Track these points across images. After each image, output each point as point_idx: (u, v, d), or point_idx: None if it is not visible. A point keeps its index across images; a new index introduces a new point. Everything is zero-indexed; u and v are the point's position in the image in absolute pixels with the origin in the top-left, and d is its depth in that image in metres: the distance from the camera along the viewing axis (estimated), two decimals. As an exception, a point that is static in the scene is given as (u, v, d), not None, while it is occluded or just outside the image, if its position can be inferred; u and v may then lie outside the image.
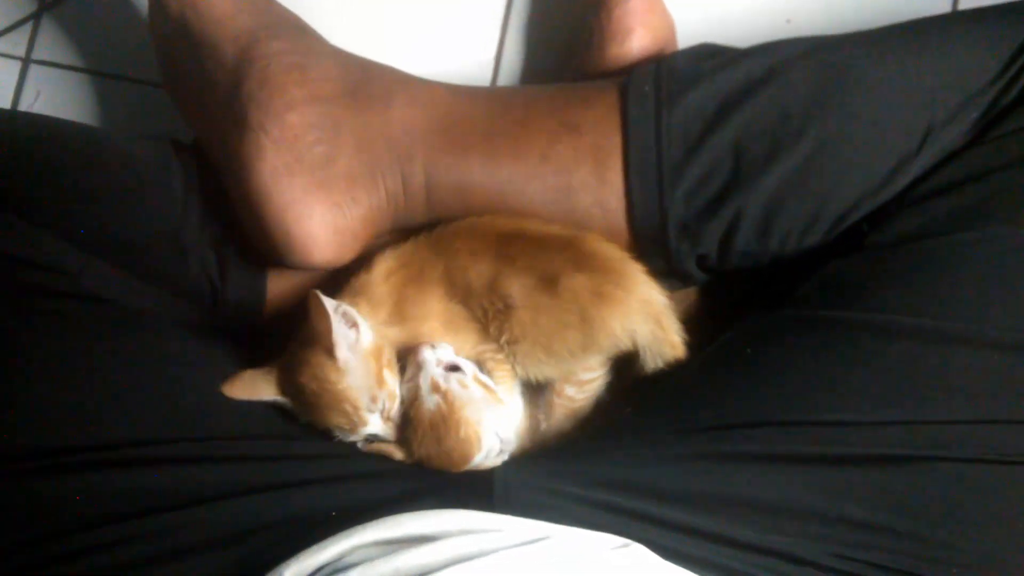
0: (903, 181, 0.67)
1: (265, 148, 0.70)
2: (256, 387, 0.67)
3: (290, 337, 0.69)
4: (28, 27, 0.91)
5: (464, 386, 0.68)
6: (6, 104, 0.91)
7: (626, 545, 0.60)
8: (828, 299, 0.67)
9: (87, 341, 0.65)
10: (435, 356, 0.68)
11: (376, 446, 0.69)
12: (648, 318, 0.70)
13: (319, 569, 0.58)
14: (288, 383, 0.67)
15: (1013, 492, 0.60)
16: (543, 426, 0.73)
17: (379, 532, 0.59)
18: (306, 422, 0.68)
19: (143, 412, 0.64)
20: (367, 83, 0.74)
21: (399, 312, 0.70)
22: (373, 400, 0.66)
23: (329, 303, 0.64)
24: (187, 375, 0.67)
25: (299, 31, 0.76)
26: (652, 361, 0.72)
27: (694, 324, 0.80)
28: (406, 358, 0.69)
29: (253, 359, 0.69)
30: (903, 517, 0.60)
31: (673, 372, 0.71)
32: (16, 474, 0.60)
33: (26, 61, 0.91)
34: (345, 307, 0.66)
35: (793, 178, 0.68)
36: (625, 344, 0.70)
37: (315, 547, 0.58)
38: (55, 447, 0.61)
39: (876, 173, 0.67)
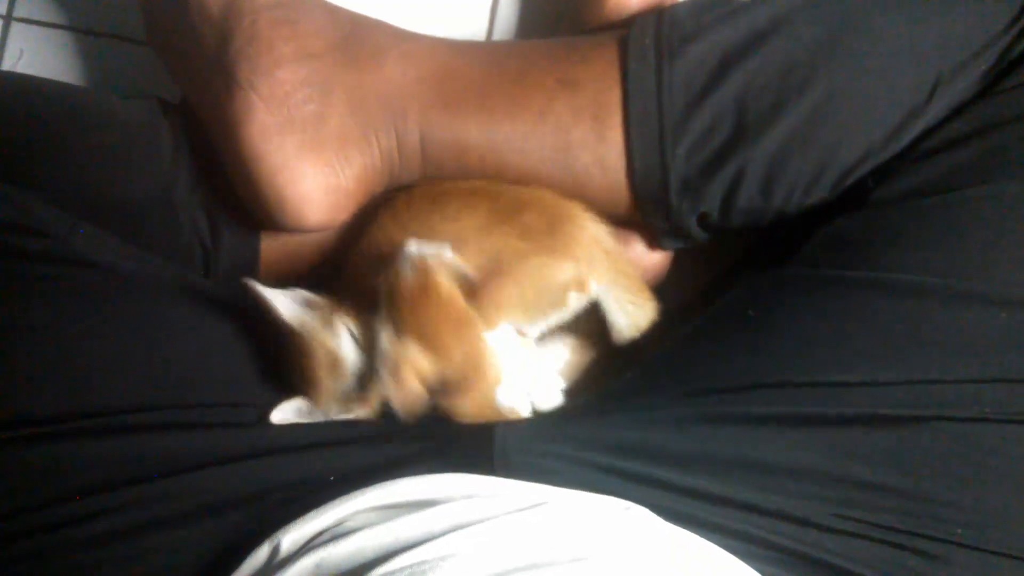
0: (910, 135, 0.66)
1: (255, 106, 0.68)
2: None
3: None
4: (9, -17, 0.89)
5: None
6: (-12, 66, 0.89)
7: (627, 508, 0.59)
8: (832, 257, 0.66)
9: (78, 306, 0.63)
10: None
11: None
12: (604, 257, 0.69)
13: (318, 534, 0.58)
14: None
15: (1018, 451, 0.60)
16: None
17: (378, 497, 0.59)
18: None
19: (136, 378, 0.63)
20: (359, 39, 0.72)
21: None
22: None
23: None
24: (181, 340, 0.66)
25: (288, -17, 0.73)
26: (622, 321, 0.71)
27: (694, 285, 0.80)
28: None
29: (247, 323, 0.68)
30: (907, 477, 0.60)
31: (674, 334, 0.70)
32: (7, 442, 0.59)
33: (8, 19, 0.89)
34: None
35: (797, 133, 0.66)
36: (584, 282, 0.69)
37: (313, 512, 0.58)
38: (47, 414, 0.60)
39: (883, 127, 0.66)
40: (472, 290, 0.65)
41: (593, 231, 0.70)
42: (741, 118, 0.67)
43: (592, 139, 0.69)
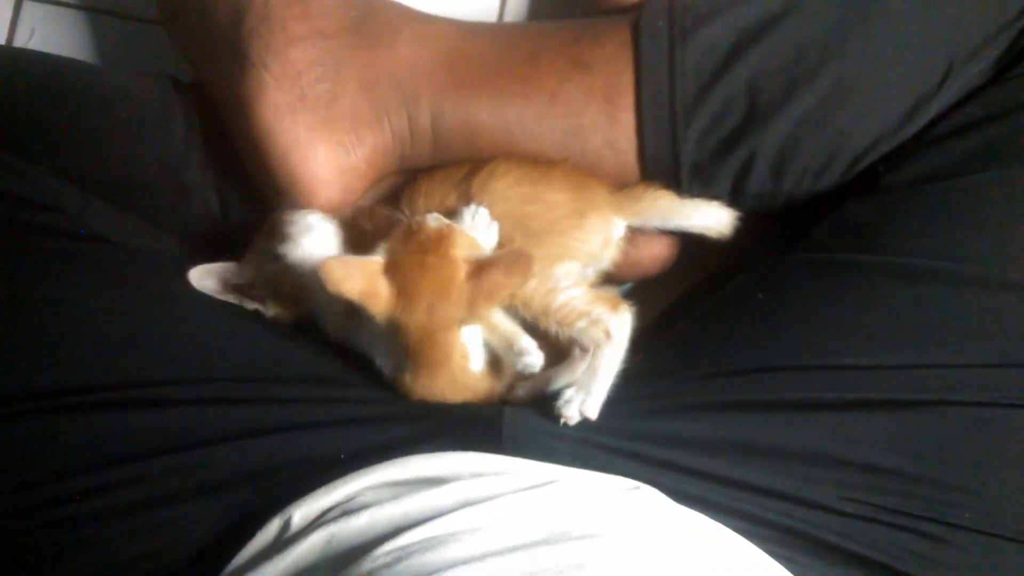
0: (922, 120, 0.66)
1: (267, 85, 0.68)
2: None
3: None
4: (21, -38, 0.88)
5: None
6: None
7: (636, 488, 0.60)
8: (842, 242, 0.66)
9: (89, 280, 0.64)
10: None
11: None
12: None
13: (328, 510, 0.58)
14: None
15: None
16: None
17: (388, 473, 0.59)
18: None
19: (146, 353, 0.63)
20: (371, 19, 0.72)
21: None
22: None
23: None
24: (190, 317, 0.66)
25: (300, -37, 0.73)
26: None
27: (702, 270, 0.80)
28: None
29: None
30: (916, 461, 0.60)
31: (684, 317, 0.70)
32: (27, 414, 0.60)
33: (19, -3, 0.89)
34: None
35: (809, 117, 0.66)
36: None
37: (324, 488, 0.58)
38: (56, 388, 0.60)
39: (895, 112, 0.66)
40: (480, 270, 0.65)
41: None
42: (753, 101, 0.67)
43: (603, 121, 0.69)
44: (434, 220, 0.64)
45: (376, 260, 0.62)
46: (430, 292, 0.62)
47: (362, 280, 0.61)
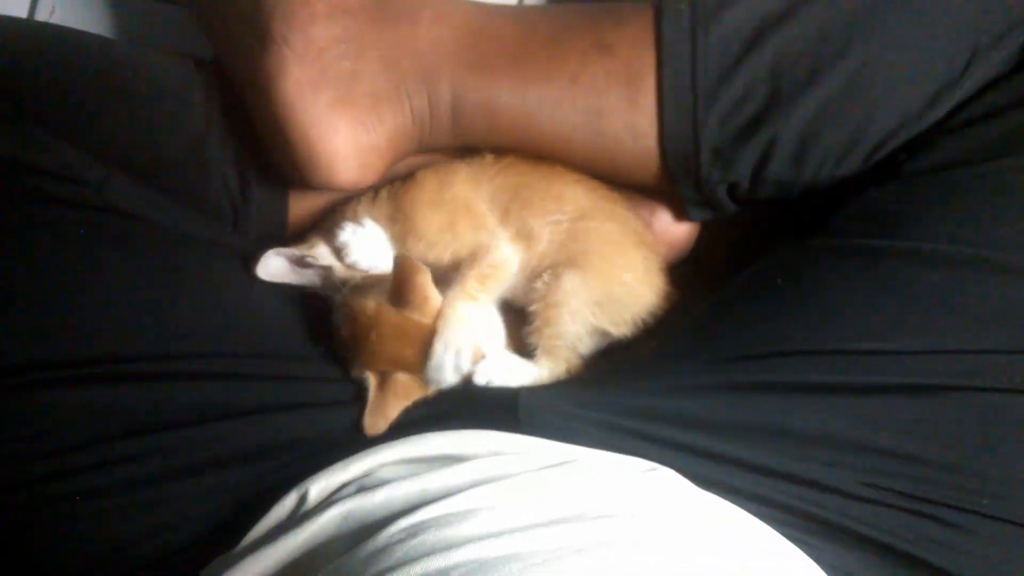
0: (945, 107, 0.65)
1: (289, 62, 0.68)
2: None
3: None
4: (42, -60, 0.88)
5: None
6: (21, 20, 0.88)
7: (654, 469, 0.59)
8: (863, 228, 0.65)
9: (110, 253, 0.64)
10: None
11: None
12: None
13: (345, 485, 0.58)
14: None
15: None
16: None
17: (406, 450, 0.59)
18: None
19: (166, 327, 0.63)
20: None
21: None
22: None
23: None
24: (210, 292, 0.66)
25: (323, -59, 0.73)
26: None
27: (721, 256, 0.80)
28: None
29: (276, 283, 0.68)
30: (934, 446, 0.60)
31: (703, 302, 0.70)
32: (37, 384, 0.60)
33: (40, -25, 0.89)
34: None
35: (831, 103, 0.66)
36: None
37: (341, 463, 0.59)
38: (76, 358, 0.61)
39: (918, 98, 0.65)
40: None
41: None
42: (775, 86, 0.66)
43: (624, 104, 0.69)
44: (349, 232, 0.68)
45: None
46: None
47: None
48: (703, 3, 0.68)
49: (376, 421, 0.62)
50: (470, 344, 0.64)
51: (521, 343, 0.70)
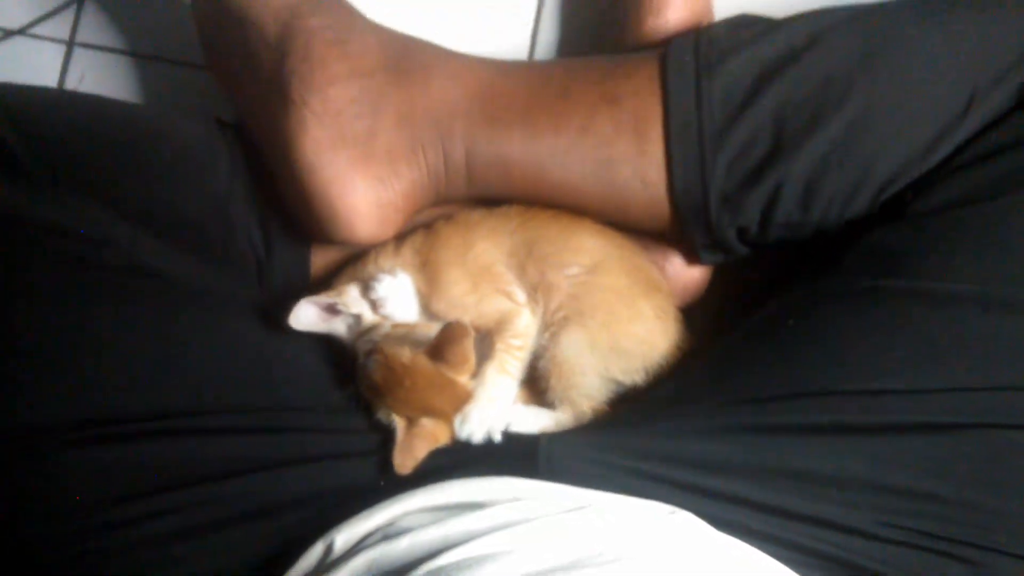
0: (948, 147, 0.66)
1: (308, 122, 0.71)
2: None
3: None
4: (72, 10, 0.92)
5: None
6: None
7: (672, 512, 0.60)
8: (872, 268, 0.66)
9: (140, 313, 0.66)
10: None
11: None
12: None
13: (370, 534, 0.59)
14: None
15: None
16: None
17: (427, 498, 0.60)
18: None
19: (196, 383, 0.65)
20: (407, 58, 0.74)
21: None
22: None
23: None
24: (237, 348, 0.68)
25: (339, 6, 0.76)
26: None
27: (733, 298, 0.81)
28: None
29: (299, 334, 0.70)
30: (949, 484, 0.60)
31: (716, 345, 0.71)
32: (76, 442, 0.62)
33: (70, 44, 0.92)
34: None
35: (835, 146, 0.67)
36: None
37: (365, 512, 0.60)
38: (111, 417, 0.63)
39: (920, 139, 0.66)
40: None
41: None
42: (779, 132, 0.68)
43: (633, 153, 0.71)
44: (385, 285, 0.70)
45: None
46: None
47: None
48: (706, 54, 0.70)
49: (405, 460, 0.63)
50: (502, 418, 0.68)
51: (539, 393, 0.72)
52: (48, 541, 0.61)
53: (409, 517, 0.60)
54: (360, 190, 0.71)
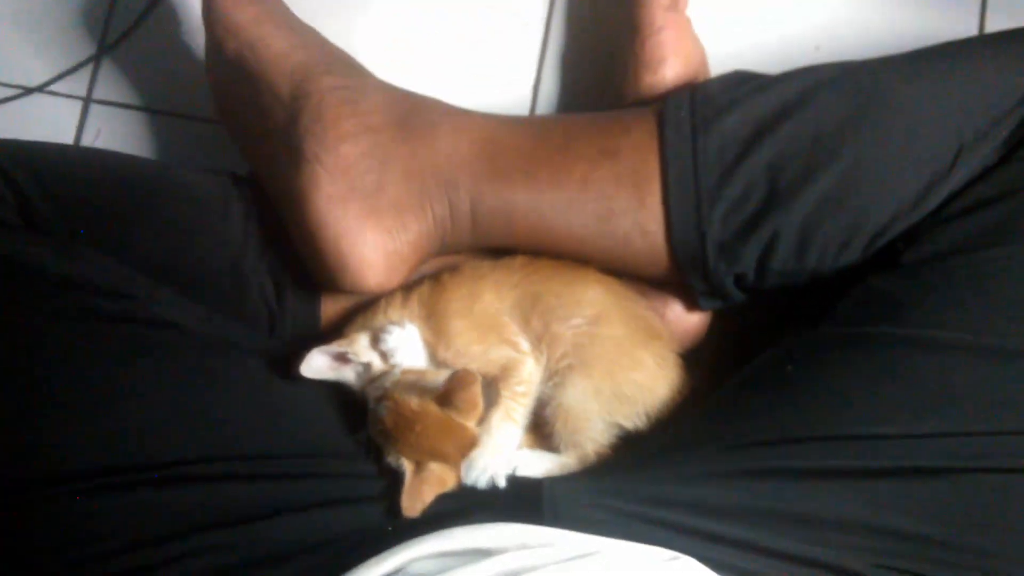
0: (936, 199, 0.69)
1: (320, 178, 0.73)
2: None
3: None
4: (89, 68, 0.95)
5: None
6: (69, 142, 0.94)
7: (676, 558, 0.61)
8: (866, 315, 0.68)
9: (158, 364, 0.68)
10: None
11: None
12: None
13: (379, 581, 0.60)
14: None
15: None
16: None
17: (436, 544, 0.61)
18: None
19: (211, 432, 0.66)
20: (414, 114, 0.77)
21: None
22: None
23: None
24: (252, 395, 0.70)
25: (349, 67, 0.79)
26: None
27: (731, 344, 0.83)
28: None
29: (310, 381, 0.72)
30: (946, 527, 0.61)
31: (716, 390, 0.73)
32: (92, 490, 0.63)
33: (87, 101, 0.95)
34: None
35: (828, 198, 0.69)
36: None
37: (375, 559, 0.60)
38: (129, 465, 0.64)
39: (909, 191, 0.69)
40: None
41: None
42: (773, 185, 0.70)
43: (633, 205, 0.73)
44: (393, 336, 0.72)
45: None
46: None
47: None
48: (702, 110, 0.72)
49: (413, 503, 0.65)
50: (507, 463, 0.70)
51: (544, 437, 0.73)
52: None
53: (417, 564, 0.61)
54: (369, 242, 0.74)
